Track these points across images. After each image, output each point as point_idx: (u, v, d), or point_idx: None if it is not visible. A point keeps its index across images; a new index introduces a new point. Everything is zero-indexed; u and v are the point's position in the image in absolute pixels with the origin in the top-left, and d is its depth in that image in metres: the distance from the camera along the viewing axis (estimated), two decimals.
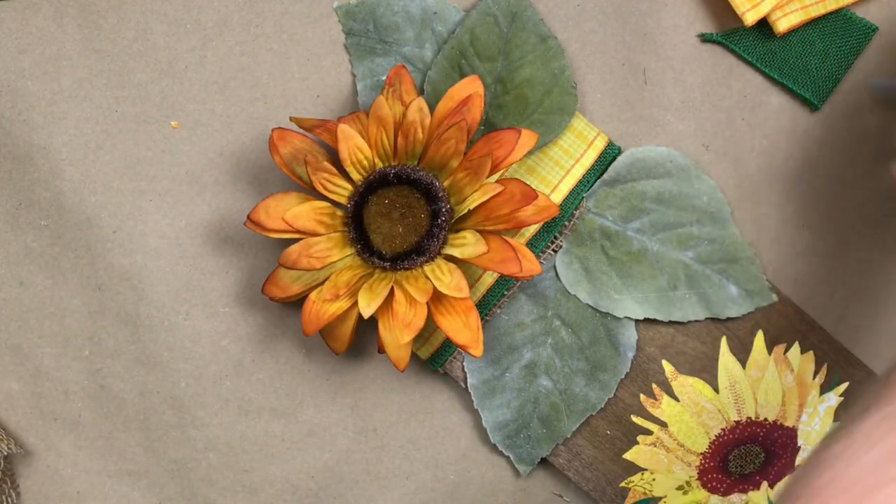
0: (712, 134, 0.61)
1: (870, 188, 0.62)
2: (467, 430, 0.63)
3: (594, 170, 0.60)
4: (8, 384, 0.61)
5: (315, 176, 0.55)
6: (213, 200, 0.60)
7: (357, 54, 0.58)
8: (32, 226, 0.59)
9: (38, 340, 0.60)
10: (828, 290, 0.63)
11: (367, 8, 0.58)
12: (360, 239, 0.56)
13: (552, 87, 0.58)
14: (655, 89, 0.60)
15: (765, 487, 0.64)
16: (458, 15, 0.58)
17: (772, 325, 0.62)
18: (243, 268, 0.60)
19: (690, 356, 0.62)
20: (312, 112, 0.59)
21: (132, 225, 0.59)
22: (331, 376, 0.62)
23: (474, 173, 0.54)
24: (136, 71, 0.58)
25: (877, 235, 0.63)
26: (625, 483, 0.63)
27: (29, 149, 0.58)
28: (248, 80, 0.58)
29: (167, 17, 0.57)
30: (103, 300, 0.60)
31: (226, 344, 0.61)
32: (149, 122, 0.58)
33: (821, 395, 0.64)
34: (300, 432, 0.62)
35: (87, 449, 0.62)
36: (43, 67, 0.57)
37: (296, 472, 0.63)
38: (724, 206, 0.61)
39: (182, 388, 0.61)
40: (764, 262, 0.62)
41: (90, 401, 0.61)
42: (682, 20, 0.59)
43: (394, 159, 0.56)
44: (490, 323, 0.61)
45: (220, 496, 0.63)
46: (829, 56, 0.60)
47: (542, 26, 0.58)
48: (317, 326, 0.56)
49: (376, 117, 0.54)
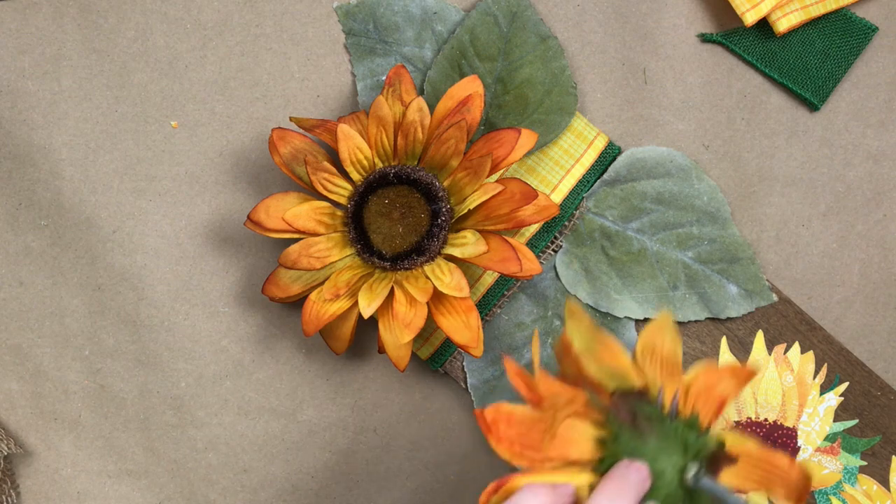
0: (712, 134, 0.61)
1: (870, 188, 0.62)
2: (467, 430, 0.63)
3: (594, 170, 0.60)
4: (8, 384, 0.61)
5: (315, 176, 0.55)
6: (213, 200, 0.60)
7: (357, 54, 0.58)
8: (32, 226, 0.59)
9: (38, 340, 0.60)
10: (828, 290, 0.63)
11: (367, 8, 0.58)
12: (360, 239, 0.56)
13: (552, 86, 0.58)
14: (655, 89, 0.60)
15: None
16: (458, 15, 0.58)
17: (772, 325, 0.62)
18: (243, 268, 0.60)
19: (690, 356, 0.62)
20: (312, 112, 0.59)
21: (132, 225, 0.59)
22: (331, 376, 0.62)
23: (474, 173, 0.54)
24: (136, 71, 0.58)
25: (877, 235, 0.63)
26: None
27: (29, 149, 0.58)
28: (248, 80, 0.58)
29: (167, 17, 0.57)
30: (103, 300, 0.60)
31: (226, 344, 0.61)
32: (149, 122, 0.58)
33: (821, 395, 0.64)
34: (300, 432, 0.62)
35: (87, 449, 0.62)
36: (43, 67, 0.57)
37: (296, 472, 0.63)
38: (724, 206, 0.61)
39: (182, 388, 0.61)
40: (764, 262, 0.62)
41: (90, 401, 0.61)
42: (682, 20, 0.59)
43: (394, 159, 0.56)
44: (490, 323, 0.61)
45: (220, 496, 0.63)
46: (829, 56, 0.60)
47: (542, 26, 0.58)
48: (317, 326, 0.56)
49: (376, 117, 0.54)
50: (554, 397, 0.44)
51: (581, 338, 0.46)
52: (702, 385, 0.47)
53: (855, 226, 0.62)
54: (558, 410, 0.45)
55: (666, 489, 0.45)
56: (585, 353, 0.46)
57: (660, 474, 0.45)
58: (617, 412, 0.45)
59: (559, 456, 0.44)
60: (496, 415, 0.44)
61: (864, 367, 0.64)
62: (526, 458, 0.44)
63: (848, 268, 0.63)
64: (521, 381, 0.45)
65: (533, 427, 0.44)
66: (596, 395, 0.46)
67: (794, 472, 0.46)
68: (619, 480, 0.43)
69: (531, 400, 0.44)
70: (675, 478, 0.45)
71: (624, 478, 0.43)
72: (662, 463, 0.45)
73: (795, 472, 0.46)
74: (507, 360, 0.44)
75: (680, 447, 0.46)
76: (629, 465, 0.44)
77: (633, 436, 0.45)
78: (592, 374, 0.46)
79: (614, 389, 0.46)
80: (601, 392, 0.46)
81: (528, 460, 0.44)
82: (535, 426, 0.44)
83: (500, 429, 0.44)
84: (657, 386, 0.46)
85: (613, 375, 0.46)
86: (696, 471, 0.45)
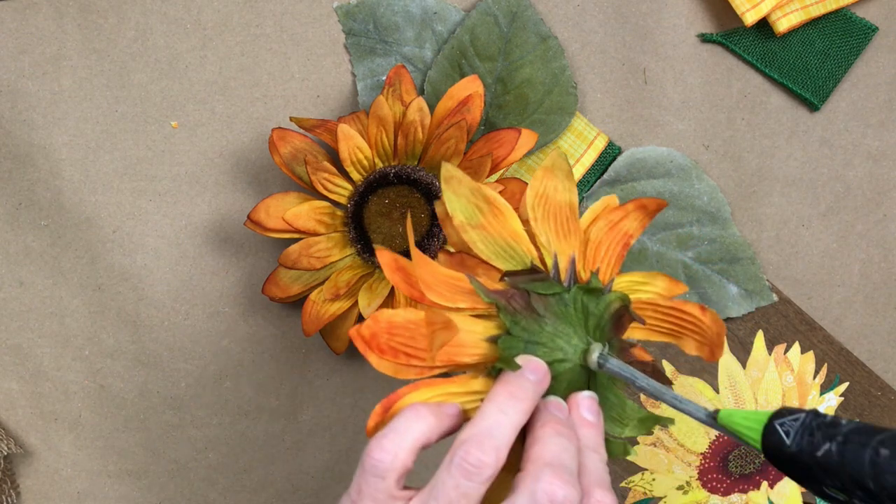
0: (712, 134, 0.61)
1: (870, 188, 0.62)
2: None
3: (594, 170, 0.60)
4: (8, 384, 0.61)
5: (315, 176, 0.55)
6: (213, 200, 0.60)
7: (357, 54, 0.58)
8: (32, 226, 0.59)
9: (38, 340, 0.60)
10: (828, 290, 0.63)
11: (367, 8, 0.58)
12: (360, 239, 0.56)
13: (552, 86, 0.58)
14: (655, 89, 0.60)
15: (765, 487, 0.64)
16: (459, 15, 0.58)
17: (772, 325, 0.62)
18: (243, 268, 0.60)
19: (691, 356, 0.62)
20: (312, 112, 0.59)
21: (132, 225, 0.59)
22: (331, 376, 0.62)
23: (474, 173, 0.54)
24: (136, 71, 0.58)
25: (877, 235, 0.63)
26: (625, 483, 0.63)
27: (29, 149, 0.58)
28: (248, 80, 0.58)
29: (167, 17, 0.57)
30: (103, 300, 0.60)
31: (226, 344, 0.61)
32: (149, 122, 0.58)
33: (821, 395, 0.64)
34: (300, 432, 0.62)
35: (87, 449, 0.62)
36: (43, 67, 0.57)
37: (296, 472, 0.63)
38: (724, 206, 0.61)
39: (182, 388, 0.61)
40: (764, 262, 0.62)
41: (90, 401, 0.61)
42: (682, 20, 0.59)
43: (394, 159, 0.56)
44: None
45: (220, 496, 0.63)
46: (829, 56, 0.60)
47: (543, 26, 0.58)
48: (317, 326, 0.56)
49: (376, 117, 0.54)
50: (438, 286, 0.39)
51: (462, 207, 0.41)
52: (603, 228, 0.43)
53: (855, 226, 0.62)
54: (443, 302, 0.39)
55: (568, 376, 0.41)
56: (469, 225, 0.41)
57: (560, 362, 0.41)
58: (508, 301, 0.40)
59: (449, 362, 0.39)
60: (374, 326, 0.38)
61: (864, 367, 0.64)
62: (413, 370, 0.39)
63: (848, 268, 0.63)
64: (398, 276, 0.39)
65: (417, 332, 0.39)
66: (484, 283, 0.40)
67: (706, 319, 0.42)
68: (512, 384, 0.39)
69: (412, 296, 0.40)
70: (577, 361, 0.41)
71: (518, 381, 0.39)
72: (563, 348, 0.41)
73: (708, 319, 0.42)
74: (378, 249, 0.39)
75: (581, 320, 0.41)
76: (526, 363, 0.40)
77: (528, 324, 0.40)
78: (479, 251, 0.41)
79: (504, 272, 0.41)
80: (488, 270, 0.41)
81: (416, 371, 0.39)
82: (419, 330, 0.39)
83: (380, 341, 0.38)
84: (551, 254, 0.42)
85: (502, 250, 0.41)
86: (600, 352, 0.41)
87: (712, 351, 0.42)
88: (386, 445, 0.38)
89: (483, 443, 0.37)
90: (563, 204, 0.42)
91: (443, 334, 0.38)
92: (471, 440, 0.38)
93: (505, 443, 0.38)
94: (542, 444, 0.39)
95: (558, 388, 0.41)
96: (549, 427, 0.39)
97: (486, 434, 0.38)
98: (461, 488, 0.37)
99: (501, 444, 0.38)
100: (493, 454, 0.37)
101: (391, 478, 0.38)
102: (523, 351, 0.40)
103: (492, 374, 0.40)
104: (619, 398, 0.43)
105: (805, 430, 0.36)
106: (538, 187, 0.42)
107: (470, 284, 0.40)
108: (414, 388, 0.39)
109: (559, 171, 0.42)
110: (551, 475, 0.37)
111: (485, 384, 0.40)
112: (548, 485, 0.37)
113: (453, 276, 0.40)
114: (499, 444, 0.38)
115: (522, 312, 0.40)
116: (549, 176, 0.42)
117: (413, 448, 0.39)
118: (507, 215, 0.41)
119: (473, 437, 0.38)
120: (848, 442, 0.35)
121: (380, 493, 0.38)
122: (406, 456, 0.39)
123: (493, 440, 0.38)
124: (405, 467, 0.39)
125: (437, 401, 0.40)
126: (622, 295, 0.42)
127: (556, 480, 0.37)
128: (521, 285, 0.41)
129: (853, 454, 0.35)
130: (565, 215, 0.42)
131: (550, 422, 0.40)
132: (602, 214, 0.43)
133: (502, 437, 0.38)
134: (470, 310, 0.40)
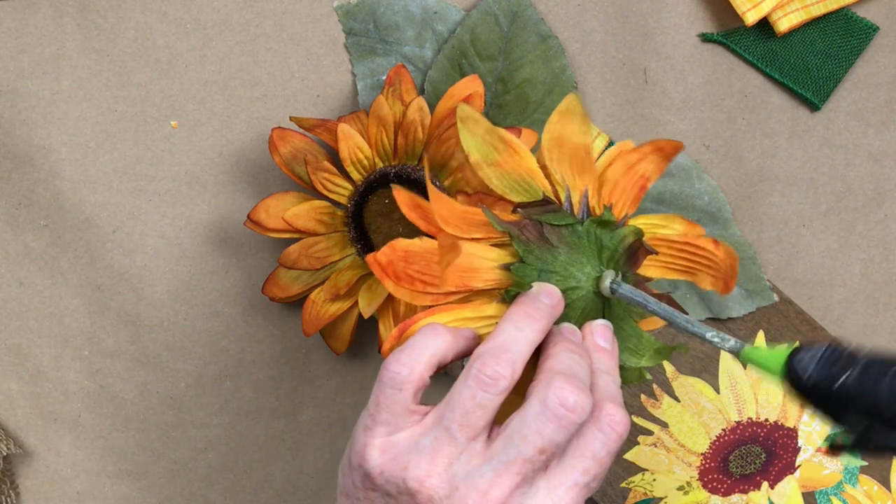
0: (713, 134, 0.61)
1: (871, 188, 0.62)
2: None
3: None
4: (8, 384, 0.61)
5: (315, 176, 0.55)
6: (213, 200, 0.60)
7: (357, 54, 0.58)
8: (32, 226, 0.59)
9: (38, 340, 0.60)
10: (829, 290, 0.63)
11: (368, 8, 0.58)
12: (360, 239, 0.56)
13: (553, 86, 0.58)
14: (656, 89, 0.60)
15: (765, 488, 0.64)
16: (459, 14, 0.58)
17: (772, 325, 0.62)
18: (243, 268, 0.60)
19: (691, 356, 0.62)
20: (312, 112, 0.59)
21: (132, 225, 0.59)
22: (331, 376, 0.62)
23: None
24: (136, 71, 0.58)
25: (878, 235, 0.63)
26: (625, 483, 0.63)
27: (29, 149, 0.58)
28: (248, 80, 0.58)
29: (167, 16, 0.57)
30: (103, 300, 0.60)
31: (226, 344, 0.61)
32: (149, 122, 0.58)
33: None
34: (300, 432, 0.62)
35: (87, 449, 0.62)
36: (43, 67, 0.57)
37: (296, 472, 0.63)
38: (724, 207, 0.61)
39: (182, 388, 0.61)
40: (765, 261, 0.62)
41: (90, 401, 0.61)
42: (682, 20, 0.59)
43: (394, 159, 0.56)
44: None
45: (220, 496, 0.63)
46: (830, 56, 0.60)
47: (543, 26, 0.58)
48: (317, 326, 0.56)
49: (376, 117, 0.54)
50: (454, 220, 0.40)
51: (478, 146, 0.42)
52: (619, 169, 0.43)
53: (856, 226, 0.62)
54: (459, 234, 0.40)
55: (582, 303, 0.41)
56: (484, 163, 0.42)
57: (574, 290, 0.41)
58: (522, 231, 0.41)
59: (463, 287, 0.41)
60: (392, 254, 0.40)
61: None
62: (429, 296, 0.41)
63: (849, 268, 0.63)
64: (415, 213, 0.41)
65: (433, 260, 0.40)
66: (498, 215, 0.41)
67: (720, 253, 0.42)
68: (528, 304, 0.40)
69: (428, 231, 0.41)
70: (590, 289, 0.41)
71: (533, 302, 0.40)
72: (576, 276, 0.41)
73: (722, 253, 0.42)
74: (395, 188, 0.41)
75: (594, 251, 0.42)
76: (539, 289, 0.41)
77: (541, 254, 0.41)
78: (495, 187, 0.42)
79: (518, 203, 0.42)
80: (504, 207, 0.42)
81: (432, 297, 0.41)
82: (435, 259, 0.40)
83: (397, 269, 0.40)
84: (565, 188, 0.42)
85: (517, 185, 0.42)
86: (613, 279, 0.41)
87: (727, 283, 0.43)
88: (403, 359, 0.39)
89: (499, 356, 0.38)
90: (579, 146, 0.42)
91: (449, 255, 0.40)
92: (487, 353, 0.39)
93: (521, 356, 0.39)
94: (555, 358, 0.40)
95: (572, 316, 0.42)
96: (561, 345, 0.40)
97: (502, 348, 0.39)
98: (477, 399, 0.39)
99: (517, 358, 0.39)
100: (510, 367, 0.38)
101: (408, 390, 0.39)
102: (537, 279, 0.41)
103: (505, 301, 0.41)
104: (634, 329, 0.44)
105: (825, 362, 0.37)
106: (553, 130, 0.42)
107: (485, 217, 0.41)
108: (429, 314, 0.41)
109: (574, 115, 0.42)
110: (563, 380, 0.38)
111: (498, 309, 0.41)
112: (559, 390, 0.38)
113: (468, 211, 0.41)
114: (514, 358, 0.39)
115: (536, 242, 0.41)
116: (564, 119, 0.42)
117: (430, 363, 0.40)
118: (522, 154, 0.42)
119: (490, 350, 0.39)
120: (866, 372, 0.36)
121: (397, 405, 0.39)
122: (423, 369, 0.40)
123: (509, 353, 0.39)
124: (422, 381, 0.40)
125: (452, 326, 0.41)
126: (636, 229, 0.43)
127: (568, 386, 0.38)
128: (535, 217, 0.41)
129: (871, 383, 0.36)
130: (580, 157, 0.42)
131: (563, 342, 0.41)
132: (619, 157, 0.43)
133: (518, 351, 0.39)
134: (485, 240, 0.41)
